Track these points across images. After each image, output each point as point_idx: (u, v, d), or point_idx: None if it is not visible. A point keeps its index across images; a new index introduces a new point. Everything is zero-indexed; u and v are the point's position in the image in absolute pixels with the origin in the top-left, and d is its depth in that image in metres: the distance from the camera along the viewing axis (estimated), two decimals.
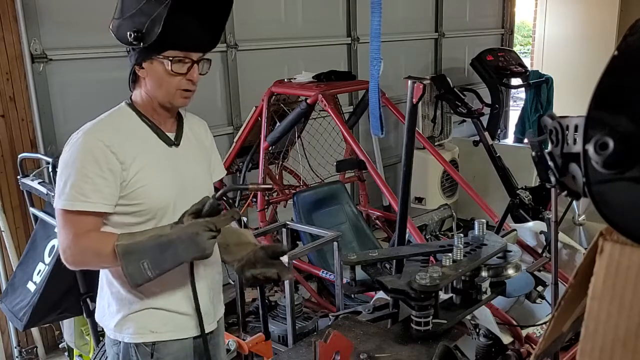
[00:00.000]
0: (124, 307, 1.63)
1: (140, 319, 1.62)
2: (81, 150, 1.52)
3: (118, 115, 1.64)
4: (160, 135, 1.64)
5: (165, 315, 1.63)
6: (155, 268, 1.46)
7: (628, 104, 0.53)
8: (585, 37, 7.06)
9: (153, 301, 1.62)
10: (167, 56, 1.53)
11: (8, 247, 3.16)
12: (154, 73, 1.56)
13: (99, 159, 1.51)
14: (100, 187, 1.50)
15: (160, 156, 1.63)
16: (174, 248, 1.44)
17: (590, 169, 0.55)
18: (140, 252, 1.45)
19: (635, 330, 0.53)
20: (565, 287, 0.65)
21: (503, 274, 1.61)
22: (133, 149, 1.56)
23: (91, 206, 1.50)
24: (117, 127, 1.59)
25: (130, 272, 1.45)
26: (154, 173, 1.59)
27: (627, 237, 0.54)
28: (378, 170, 3.77)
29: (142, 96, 1.63)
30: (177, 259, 1.46)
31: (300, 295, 3.30)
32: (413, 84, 1.73)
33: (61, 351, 3.31)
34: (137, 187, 1.55)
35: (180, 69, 1.56)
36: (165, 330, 1.63)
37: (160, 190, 1.59)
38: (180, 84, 1.58)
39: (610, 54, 0.54)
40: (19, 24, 3.12)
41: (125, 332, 1.63)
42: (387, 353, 1.42)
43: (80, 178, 1.50)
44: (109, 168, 1.51)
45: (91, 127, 1.58)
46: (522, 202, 3.49)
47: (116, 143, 1.53)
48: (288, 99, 3.81)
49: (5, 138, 3.17)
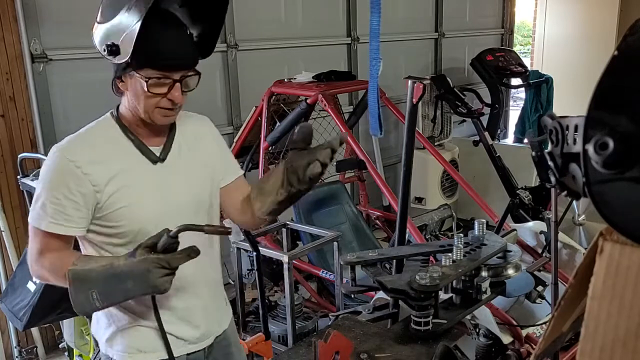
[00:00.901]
0: (113, 323, 1.58)
1: (129, 337, 1.57)
2: (53, 170, 1.46)
3: (100, 129, 1.54)
4: (144, 151, 1.52)
5: (152, 335, 1.55)
6: (104, 300, 1.37)
7: (628, 104, 0.53)
8: (585, 37, 7.06)
9: (142, 319, 1.55)
10: (144, 76, 1.39)
11: (8, 247, 3.17)
12: (133, 89, 1.44)
13: (68, 181, 1.43)
14: (67, 210, 1.44)
15: (142, 175, 1.51)
16: (124, 282, 1.33)
17: (590, 169, 0.55)
18: (90, 281, 1.35)
19: (635, 330, 0.53)
20: (565, 287, 0.65)
21: (503, 274, 1.61)
22: (110, 168, 1.47)
23: (56, 228, 1.44)
24: (95, 144, 1.50)
25: (77, 300, 1.36)
26: (135, 193, 1.48)
27: (627, 237, 0.54)
28: (378, 170, 3.77)
29: (126, 109, 1.52)
30: (127, 294, 1.37)
31: (300, 295, 3.31)
32: (413, 84, 1.73)
33: (61, 351, 3.31)
34: (115, 209, 1.47)
35: (158, 90, 1.42)
36: (153, 349, 1.56)
37: (140, 211, 1.48)
38: (160, 103, 1.44)
39: (610, 54, 0.54)
40: (19, 24, 3.12)
41: (115, 348, 1.58)
42: (387, 353, 1.42)
43: (48, 198, 1.44)
44: (79, 191, 1.43)
45: (66, 144, 1.49)
46: (522, 202, 3.49)
47: (90, 163, 1.45)
48: (288, 99, 3.81)
49: (5, 138, 3.17)
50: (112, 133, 1.53)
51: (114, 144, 1.51)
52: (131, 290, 1.34)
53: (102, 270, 1.36)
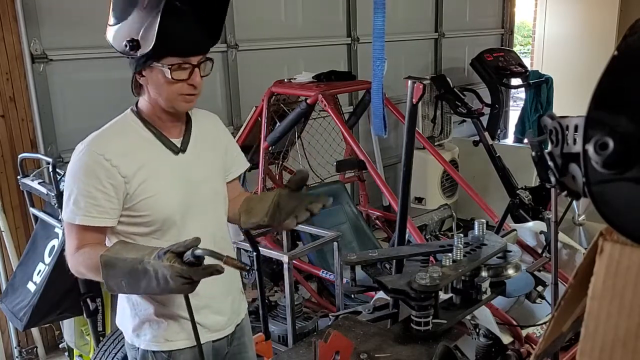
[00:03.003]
0: (138, 312, 1.64)
1: (155, 327, 1.63)
2: (82, 165, 1.51)
3: (122, 124, 1.61)
4: (166, 143, 1.61)
5: (179, 324, 1.63)
6: (131, 290, 1.44)
7: (628, 104, 0.53)
8: (585, 37, 7.06)
9: (166, 309, 1.62)
10: (166, 64, 1.48)
11: (8, 247, 3.17)
12: (154, 80, 1.52)
13: (99, 174, 1.49)
14: (100, 202, 1.49)
15: (166, 165, 1.59)
16: (148, 280, 1.37)
17: (590, 169, 0.55)
18: (119, 270, 1.40)
19: (635, 330, 0.53)
20: (565, 287, 0.65)
21: (503, 274, 1.61)
22: (136, 160, 1.54)
23: (90, 221, 1.50)
24: (121, 138, 1.56)
25: (109, 285, 1.42)
26: (159, 183, 1.56)
27: (627, 237, 0.54)
28: (378, 170, 3.77)
29: (146, 103, 1.60)
30: (151, 291, 1.41)
31: (300, 295, 3.30)
32: (413, 84, 1.73)
33: (61, 351, 3.31)
34: (142, 199, 1.53)
35: (180, 75, 1.50)
36: (179, 338, 1.64)
37: (165, 201, 1.56)
38: (182, 89, 1.53)
39: (610, 54, 0.54)
40: (19, 24, 3.12)
41: (142, 338, 1.64)
42: (387, 353, 1.42)
43: (81, 193, 1.49)
44: (109, 182, 1.50)
45: (93, 140, 1.55)
46: (522, 202, 3.49)
47: (118, 156, 1.51)
48: (288, 99, 3.81)
49: (5, 138, 3.17)
50: (134, 127, 1.60)
51: (137, 137, 1.59)
52: (154, 289, 1.38)
53: (131, 263, 1.39)
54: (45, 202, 2.85)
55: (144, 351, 1.65)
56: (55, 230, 2.71)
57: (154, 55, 1.46)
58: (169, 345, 1.64)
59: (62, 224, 1.58)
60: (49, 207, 2.78)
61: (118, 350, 2.43)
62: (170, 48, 1.47)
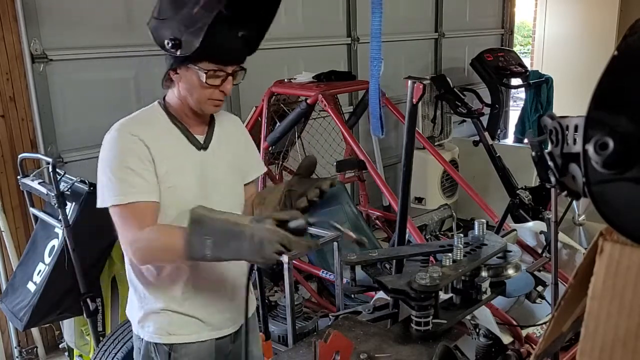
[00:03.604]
0: (145, 306, 1.67)
1: (159, 320, 1.66)
2: (119, 145, 1.53)
3: (150, 114, 1.64)
4: (190, 138, 1.64)
5: (182, 319, 1.66)
6: (215, 252, 1.39)
7: (628, 104, 0.53)
8: (585, 37, 7.06)
9: (171, 305, 1.65)
10: (203, 68, 1.52)
11: (8, 247, 3.16)
12: (188, 80, 1.56)
13: (137, 151, 1.52)
14: (146, 177, 1.52)
15: (188, 159, 1.62)
16: (240, 242, 1.35)
17: (590, 169, 0.55)
18: (209, 227, 1.38)
19: (635, 330, 0.53)
20: (565, 287, 0.65)
21: (503, 274, 1.61)
22: (163, 148, 1.57)
23: (142, 196, 1.51)
24: (149, 126, 1.60)
25: (190, 242, 1.39)
26: (180, 176, 1.59)
27: (627, 237, 0.54)
28: (378, 170, 3.77)
29: (174, 98, 1.63)
30: (238, 254, 1.39)
31: (300, 295, 3.30)
32: (413, 84, 1.73)
33: (61, 351, 3.31)
34: (164, 188, 1.56)
35: (214, 81, 1.54)
36: (181, 332, 1.67)
37: (183, 193, 1.58)
38: (212, 95, 1.57)
39: (610, 54, 0.54)
40: (19, 24, 3.12)
41: (146, 330, 1.68)
42: (387, 353, 1.42)
43: (125, 171, 1.50)
44: (147, 159, 1.53)
45: (124, 123, 1.59)
46: (522, 202, 3.49)
47: (149, 138, 1.55)
48: (288, 99, 3.81)
49: (5, 138, 3.17)
50: (161, 119, 1.63)
51: (164, 128, 1.62)
52: (242, 252, 1.37)
53: (224, 223, 1.39)
54: (45, 202, 2.85)
55: (147, 342, 1.68)
56: (55, 230, 2.71)
57: (193, 58, 1.50)
58: (171, 339, 1.66)
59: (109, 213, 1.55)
60: (49, 207, 2.78)
61: (118, 350, 2.43)
62: (210, 54, 1.50)
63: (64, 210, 2.52)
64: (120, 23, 3.53)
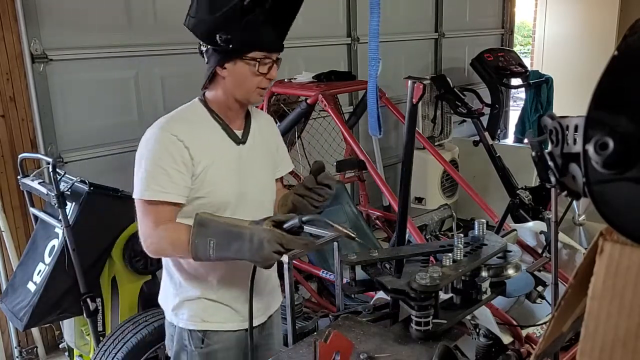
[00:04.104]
0: (180, 294, 1.74)
1: (194, 307, 1.73)
2: (157, 144, 1.59)
3: (191, 110, 1.70)
4: (229, 133, 1.71)
5: (217, 307, 1.73)
6: (218, 252, 1.50)
7: (628, 104, 0.53)
8: (585, 37, 7.06)
9: (207, 292, 1.72)
10: (254, 57, 1.60)
11: (8, 247, 3.16)
12: (237, 73, 1.62)
13: (173, 152, 1.58)
14: (175, 179, 1.58)
15: (227, 154, 1.69)
16: (241, 243, 1.47)
17: (590, 169, 0.55)
18: (212, 229, 1.50)
19: (635, 330, 0.53)
20: (565, 287, 0.65)
21: (503, 274, 1.61)
22: (203, 144, 1.63)
23: (167, 196, 1.58)
24: (190, 123, 1.65)
25: (195, 243, 1.50)
26: (220, 170, 1.66)
27: (627, 237, 0.54)
28: (378, 170, 3.77)
29: (217, 94, 1.69)
30: (239, 254, 1.49)
31: (300, 295, 3.30)
32: (413, 84, 1.72)
33: (61, 351, 3.31)
34: (204, 182, 1.63)
35: (263, 69, 1.63)
36: (215, 320, 1.74)
37: (223, 188, 1.66)
38: (260, 83, 1.65)
39: (610, 54, 0.54)
40: (19, 24, 3.12)
41: (180, 317, 1.74)
42: (387, 353, 1.42)
43: (157, 170, 1.57)
44: (182, 161, 1.59)
45: (166, 122, 1.64)
46: (522, 202, 3.49)
47: (188, 138, 1.60)
48: (288, 99, 3.80)
49: (5, 138, 3.17)
50: (202, 115, 1.70)
51: (204, 124, 1.69)
52: (243, 253, 1.48)
53: (226, 224, 1.51)
54: (45, 202, 2.84)
55: (181, 329, 1.74)
56: (55, 230, 2.71)
57: (243, 50, 1.59)
58: (205, 326, 1.73)
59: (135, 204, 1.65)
60: (49, 207, 2.78)
61: (118, 350, 2.43)
62: (258, 43, 1.60)
63: (64, 210, 2.52)
64: (120, 23, 3.53)
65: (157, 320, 2.51)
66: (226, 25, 1.54)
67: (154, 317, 2.54)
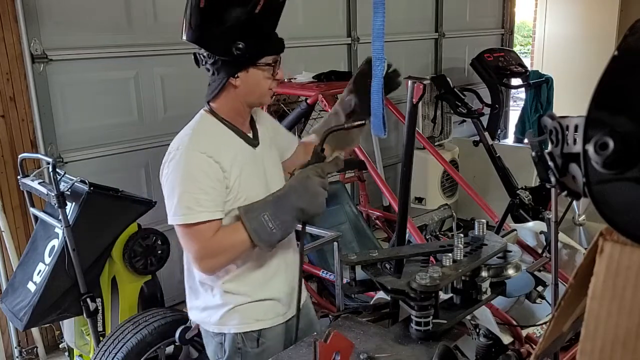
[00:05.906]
0: (228, 303, 1.73)
1: (245, 311, 1.74)
2: (188, 166, 1.59)
3: (205, 123, 1.69)
4: (245, 138, 1.72)
5: (268, 304, 1.77)
6: (275, 219, 1.55)
7: (628, 104, 0.53)
8: (585, 37, 7.06)
9: (255, 293, 1.74)
10: (267, 62, 1.63)
11: (8, 247, 3.16)
12: (251, 80, 1.63)
13: (207, 171, 1.58)
14: (213, 197, 1.59)
15: (250, 160, 1.71)
16: (288, 197, 1.55)
17: (590, 169, 0.55)
18: (259, 208, 1.56)
19: (636, 330, 0.53)
20: (565, 287, 0.65)
21: (503, 274, 1.61)
22: (230, 156, 1.64)
23: (209, 215, 1.58)
24: (209, 137, 1.65)
25: (254, 227, 1.54)
26: (250, 177, 1.68)
27: (627, 237, 0.54)
28: (378, 170, 3.77)
29: (226, 102, 1.67)
30: (293, 206, 1.56)
31: None
32: (413, 84, 1.72)
33: (61, 351, 3.31)
34: (236, 192, 1.64)
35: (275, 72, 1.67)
36: (268, 317, 1.77)
37: (255, 193, 1.66)
38: (272, 85, 1.68)
39: (610, 54, 0.54)
40: (19, 24, 3.12)
41: (231, 323, 1.75)
42: (387, 353, 1.42)
43: (194, 191, 1.57)
44: (216, 178, 1.60)
45: (189, 141, 1.62)
46: (522, 202, 3.48)
47: (216, 153, 1.61)
48: (288, 99, 3.80)
49: (5, 138, 3.17)
50: (216, 126, 1.69)
51: (222, 135, 1.69)
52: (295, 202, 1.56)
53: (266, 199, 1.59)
54: (46, 202, 2.84)
55: (234, 335, 1.75)
56: (55, 230, 2.71)
57: (258, 56, 1.61)
58: (259, 325, 1.75)
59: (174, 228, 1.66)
60: (49, 207, 2.78)
61: (118, 350, 2.43)
62: (271, 47, 1.64)
63: (64, 210, 2.52)
64: (120, 23, 3.53)
65: (157, 320, 2.51)
66: (242, 34, 1.55)
67: (154, 317, 2.53)
